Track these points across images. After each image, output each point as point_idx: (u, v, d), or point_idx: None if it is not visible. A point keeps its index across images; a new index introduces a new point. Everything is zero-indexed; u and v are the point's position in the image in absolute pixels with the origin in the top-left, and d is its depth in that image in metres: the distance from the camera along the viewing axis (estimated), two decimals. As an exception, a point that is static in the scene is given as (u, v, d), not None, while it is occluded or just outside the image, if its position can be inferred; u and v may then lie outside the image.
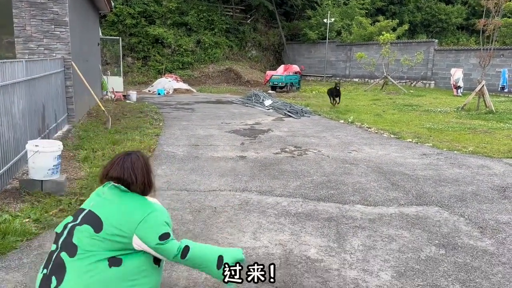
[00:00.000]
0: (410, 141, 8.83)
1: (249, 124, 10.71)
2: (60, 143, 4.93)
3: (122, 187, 2.38)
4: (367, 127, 10.53)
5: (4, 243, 3.56)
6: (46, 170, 4.73)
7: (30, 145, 4.73)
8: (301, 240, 3.94)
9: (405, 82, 24.03)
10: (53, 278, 2.21)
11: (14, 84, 5.33)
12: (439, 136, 9.34)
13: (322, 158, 7.21)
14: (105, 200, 2.35)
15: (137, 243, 2.26)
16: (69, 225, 2.34)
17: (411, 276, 3.32)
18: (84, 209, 2.38)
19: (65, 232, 2.32)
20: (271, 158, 7.09)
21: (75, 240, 2.26)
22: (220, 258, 2.38)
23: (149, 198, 2.48)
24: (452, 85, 19.83)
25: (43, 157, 4.67)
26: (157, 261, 2.38)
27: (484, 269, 3.45)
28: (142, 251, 2.30)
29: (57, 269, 2.22)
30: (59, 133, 8.11)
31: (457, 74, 19.40)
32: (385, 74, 21.41)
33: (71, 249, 2.24)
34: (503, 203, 5.09)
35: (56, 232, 2.40)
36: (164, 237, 2.27)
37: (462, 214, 4.70)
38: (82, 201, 4.69)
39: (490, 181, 5.99)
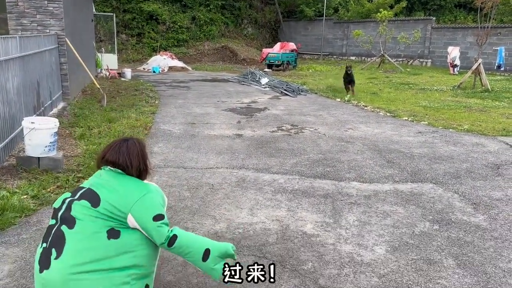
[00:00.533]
0: (406, 119, 8.86)
1: (246, 103, 10.68)
2: (56, 120, 4.91)
3: (119, 170, 2.45)
4: (363, 105, 10.54)
5: (2, 219, 3.58)
6: (42, 147, 4.72)
7: (26, 122, 4.71)
8: (298, 216, 3.99)
9: (402, 61, 23.93)
10: (53, 250, 2.25)
11: (8, 60, 5.26)
12: (434, 114, 9.37)
13: (319, 136, 7.24)
14: (103, 180, 2.41)
15: (131, 221, 2.31)
16: (68, 200, 2.37)
17: (405, 251, 3.39)
18: (83, 187, 2.43)
19: (64, 207, 2.35)
20: (268, 136, 7.11)
21: (73, 213, 2.30)
22: (207, 251, 2.40)
23: (145, 180, 2.54)
24: (449, 63, 19.77)
25: (39, 134, 4.66)
26: None
27: (477, 244, 3.53)
28: None
29: (57, 241, 2.26)
30: (55, 110, 8.06)
31: (454, 53, 19.31)
32: (382, 52, 21.29)
33: (70, 222, 2.28)
34: (497, 180, 5.15)
35: (54, 207, 2.44)
36: (158, 218, 2.33)
37: (456, 190, 4.76)
38: (79, 178, 4.71)
39: (484, 158, 6.05)
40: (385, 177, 5.17)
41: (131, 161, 2.46)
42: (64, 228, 2.27)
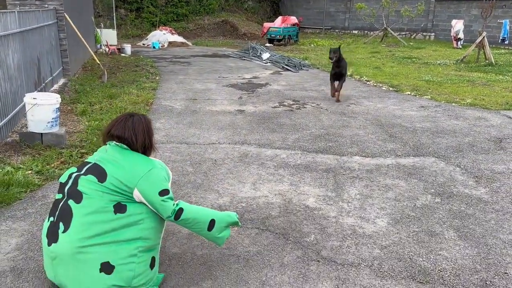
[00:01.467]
0: (408, 94, 8.81)
1: (247, 78, 10.61)
2: (58, 96, 4.90)
3: (124, 146, 2.47)
4: (365, 80, 10.46)
5: (8, 194, 3.61)
6: (45, 123, 4.72)
7: (28, 98, 4.70)
8: (300, 190, 4.02)
9: (405, 34, 23.60)
10: (61, 223, 2.29)
11: (8, 35, 5.20)
12: (437, 89, 9.30)
13: (321, 111, 7.21)
14: (108, 156, 2.43)
15: (137, 196, 2.34)
16: (74, 175, 2.40)
17: (406, 223, 3.43)
18: (89, 162, 2.46)
19: (70, 182, 2.38)
20: (270, 112, 7.09)
21: (80, 188, 2.33)
22: (212, 221, 2.52)
23: (150, 157, 2.57)
24: (452, 37, 19.49)
25: (41, 110, 4.65)
26: None
27: (478, 216, 3.56)
28: None
29: (64, 215, 2.30)
30: (55, 86, 8.03)
31: (457, 26, 19.01)
32: (385, 26, 20.97)
33: (77, 196, 2.31)
34: (499, 153, 5.16)
35: (61, 182, 2.47)
36: (163, 193, 2.38)
37: (459, 164, 4.78)
38: (82, 154, 4.73)
39: (487, 132, 6.05)
40: (387, 151, 5.18)
41: (136, 136, 2.47)
42: (71, 202, 2.31)
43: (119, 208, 2.31)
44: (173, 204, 2.41)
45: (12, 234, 3.09)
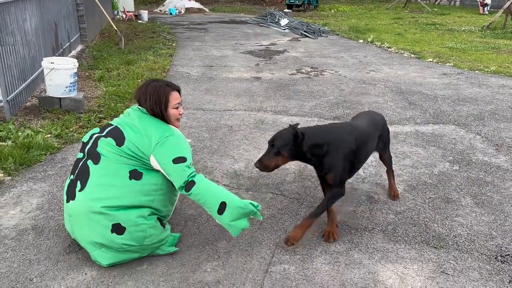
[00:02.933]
0: (430, 61, 8.56)
1: (264, 45, 10.45)
2: (75, 60, 4.91)
3: (144, 110, 2.46)
4: (387, 46, 10.19)
5: (29, 156, 3.70)
6: (63, 88, 4.77)
7: (46, 62, 4.73)
8: (316, 156, 4.00)
9: (429, 0, 22.72)
10: (78, 182, 2.35)
11: (25, 0, 5.20)
12: (461, 56, 9.02)
13: (339, 78, 7.09)
14: (129, 120, 2.44)
15: (153, 163, 2.34)
16: (95, 135, 2.44)
17: (422, 190, 3.39)
18: (111, 124, 2.48)
19: (91, 142, 2.43)
20: (287, 79, 7.00)
21: (99, 149, 2.37)
22: (223, 204, 2.33)
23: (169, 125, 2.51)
24: (479, 2, 18.71)
25: (59, 74, 4.68)
26: None
27: (497, 184, 3.50)
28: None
29: (82, 174, 2.35)
30: (73, 52, 8.06)
31: (485, -9, 18.22)
32: (408, -9, 20.22)
33: (96, 157, 2.36)
34: (522, 122, 5.02)
35: (83, 142, 2.53)
36: (178, 160, 2.31)
37: (479, 132, 4.67)
38: (100, 118, 4.79)
39: (510, 100, 5.86)
40: (406, 119, 5.09)
41: (145, 100, 2.45)
42: (89, 162, 2.36)
43: (135, 174, 2.33)
44: (188, 175, 2.31)
45: (33, 194, 3.18)
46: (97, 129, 2.51)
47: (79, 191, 2.33)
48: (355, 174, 3.09)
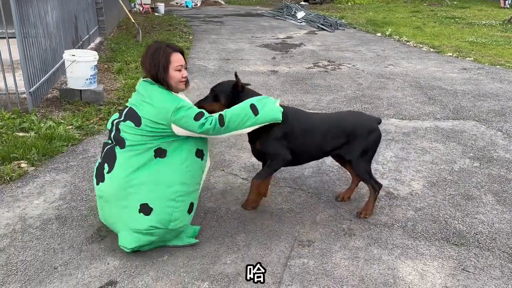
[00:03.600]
0: (450, 55, 8.43)
1: (281, 38, 10.40)
2: (96, 53, 4.97)
3: (149, 79, 2.44)
4: (405, 40, 10.05)
5: (51, 147, 3.77)
6: (84, 80, 4.83)
7: (67, 55, 4.79)
8: (334, 150, 3.99)
9: (449, -7, 22.27)
10: (106, 164, 2.43)
11: (46, -8, 5.27)
12: (481, 50, 8.85)
13: (357, 72, 7.03)
14: (138, 95, 2.43)
15: (176, 130, 2.36)
16: (115, 121, 2.50)
17: (442, 186, 3.36)
18: (126, 106, 2.51)
19: (114, 128, 2.49)
20: (304, 73, 6.96)
21: (122, 134, 2.42)
22: (252, 105, 2.50)
23: (176, 94, 2.49)
24: (501, -5, 18.27)
25: (80, 66, 4.75)
26: (199, 154, 2.51)
27: (519, 182, 3.45)
28: (185, 142, 2.43)
29: (109, 158, 2.43)
30: (92, 45, 8.14)
31: (507, -17, 17.77)
32: (427, -16, 19.85)
33: (121, 142, 2.42)
34: (545, 118, 4.92)
35: (108, 129, 2.58)
36: (198, 116, 2.36)
37: (500, 128, 4.59)
38: (120, 111, 4.83)
39: (533, 96, 5.75)
40: (425, 114, 5.03)
41: (145, 63, 2.41)
42: (116, 148, 2.43)
43: (160, 152, 2.38)
44: (212, 120, 2.40)
45: (56, 184, 3.24)
46: (116, 115, 2.55)
47: (107, 173, 2.40)
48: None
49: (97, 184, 2.47)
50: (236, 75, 2.71)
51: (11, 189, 3.15)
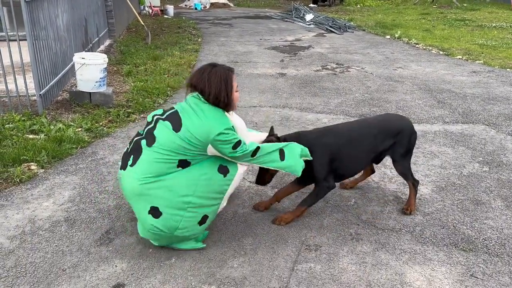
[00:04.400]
0: (460, 58, 8.36)
1: (289, 41, 10.40)
2: (105, 56, 5.02)
3: (202, 98, 2.43)
4: (414, 43, 10.00)
5: (61, 149, 3.81)
6: (93, 82, 4.88)
7: (77, 58, 4.84)
8: (342, 154, 3.98)
9: (459, -5, 22.11)
10: (132, 156, 2.44)
11: (57, -4, 5.33)
12: (491, 53, 8.77)
13: (365, 75, 7.01)
14: (188, 106, 2.43)
15: (211, 151, 2.38)
16: (156, 117, 2.49)
17: (451, 191, 3.34)
18: (173, 108, 2.50)
19: (152, 123, 2.49)
20: (312, 76, 6.96)
21: (156, 132, 2.41)
22: (281, 151, 2.56)
23: (228, 114, 2.50)
24: (512, -3, 18.09)
25: (90, 69, 4.79)
26: (222, 170, 2.46)
27: (529, 187, 3.41)
28: (210, 158, 2.44)
29: (136, 151, 2.44)
30: (102, 47, 8.22)
31: (518, -15, 17.59)
32: (437, -14, 19.73)
33: (150, 139, 2.41)
34: (556, 123, 4.86)
35: (148, 121, 2.56)
36: (237, 145, 2.38)
37: (510, 132, 4.55)
38: (129, 113, 4.88)
39: (544, 100, 5.68)
40: (434, 117, 5.00)
41: (209, 87, 2.40)
42: (143, 143, 2.42)
43: (184, 163, 2.37)
44: (247, 148, 2.43)
45: (65, 187, 3.27)
46: (160, 111, 2.55)
47: (130, 165, 2.42)
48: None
49: (120, 168, 2.52)
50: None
51: (20, 191, 3.19)
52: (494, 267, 2.47)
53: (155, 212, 2.37)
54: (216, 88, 2.40)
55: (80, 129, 4.31)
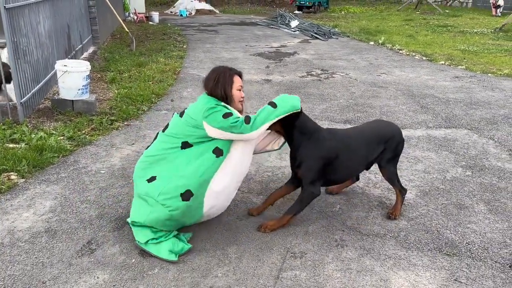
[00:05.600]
0: (442, 64, 8.49)
1: (274, 47, 10.44)
2: (88, 63, 4.95)
3: (206, 92, 2.74)
4: (398, 49, 10.12)
5: (42, 158, 3.73)
6: (76, 90, 4.81)
7: (59, 65, 4.78)
8: (327, 160, 3.98)
9: (441, 1, 22.54)
10: (152, 142, 2.82)
11: (39, 2, 5.25)
12: (473, 59, 8.92)
13: (350, 81, 7.06)
14: (196, 101, 2.77)
15: (208, 129, 2.56)
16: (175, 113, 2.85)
17: (435, 195, 3.36)
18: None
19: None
20: (297, 82, 6.98)
21: (170, 121, 2.79)
22: (271, 103, 2.66)
23: (233, 110, 2.68)
24: (491, 4, 18.50)
25: (72, 77, 4.73)
26: (217, 151, 2.59)
27: (510, 190, 3.45)
28: (210, 141, 2.59)
29: (155, 139, 2.81)
30: (85, 54, 8.13)
31: (498, -8, 18.00)
32: (419, -7, 20.08)
33: (165, 127, 2.78)
34: (536, 126, 4.95)
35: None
36: (227, 115, 2.55)
37: (492, 137, 4.61)
38: (112, 121, 4.82)
39: (525, 104, 5.79)
40: (418, 122, 5.05)
41: (208, 80, 2.71)
42: (161, 131, 2.80)
43: (186, 145, 2.61)
44: (238, 118, 2.56)
45: (46, 197, 3.21)
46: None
47: (146, 148, 2.81)
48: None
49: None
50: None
51: (0, 202, 3.11)
52: (478, 271, 2.49)
53: (151, 179, 2.59)
54: (213, 81, 2.68)
55: (62, 137, 4.24)
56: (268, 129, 2.68)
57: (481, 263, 2.56)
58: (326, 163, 2.75)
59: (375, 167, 3.68)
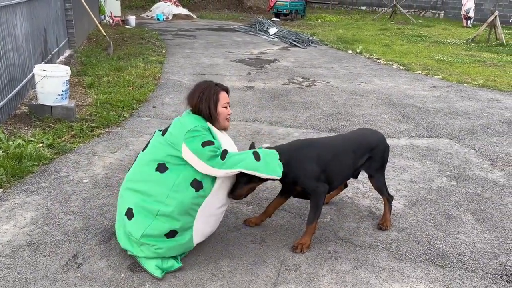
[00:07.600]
0: (419, 73, 8.67)
1: (255, 54, 10.43)
2: (68, 68, 4.80)
3: (190, 110, 2.61)
4: (376, 58, 10.29)
5: (21, 167, 3.57)
6: (55, 96, 4.65)
7: (38, 70, 4.60)
8: (314, 169, 3.97)
9: (414, 12, 23.13)
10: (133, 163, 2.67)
11: (16, 4, 5.06)
12: (448, 69, 9.16)
13: (331, 89, 7.11)
14: (180, 117, 2.62)
15: (185, 152, 2.40)
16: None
17: (423, 205, 3.40)
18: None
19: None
20: (280, 89, 6.98)
21: (151, 140, 2.64)
22: (255, 152, 2.50)
23: (220, 133, 2.57)
24: (463, 15, 19.09)
25: (51, 82, 4.56)
26: (196, 184, 2.42)
27: (495, 200, 3.53)
28: (186, 168, 2.42)
29: (135, 159, 2.68)
30: (61, 58, 7.90)
31: (468, 4, 18.57)
32: (394, 3, 20.54)
33: (145, 146, 2.64)
34: (513, 136, 5.09)
35: None
36: (207, 143, 2.40)
37: (473, 146, 4.72)
38: (93, 128, 4.68)
39: (501, 114, 5.96)
40: (400, 131, 5.12)
41: (192, 98, 2.57)
42: (141, 151, 2.65)
43: (161, 168, 2.44)
44: (219, 151, 2.42)
45: (27, 208, 3.06)
46: None
47: (127, 171, 2.74)
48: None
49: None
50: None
51: (-23, 214, 2.95)
52: (470, 282, 2.51)
53: (129, 213, 2.44)
54: (197, 98, 2.54)
55: (41, 145, 4.08)
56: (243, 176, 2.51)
57: (473, 274, 2.58)
58: (322, 168, 2.71)
59: (363, 176, 3.70)
